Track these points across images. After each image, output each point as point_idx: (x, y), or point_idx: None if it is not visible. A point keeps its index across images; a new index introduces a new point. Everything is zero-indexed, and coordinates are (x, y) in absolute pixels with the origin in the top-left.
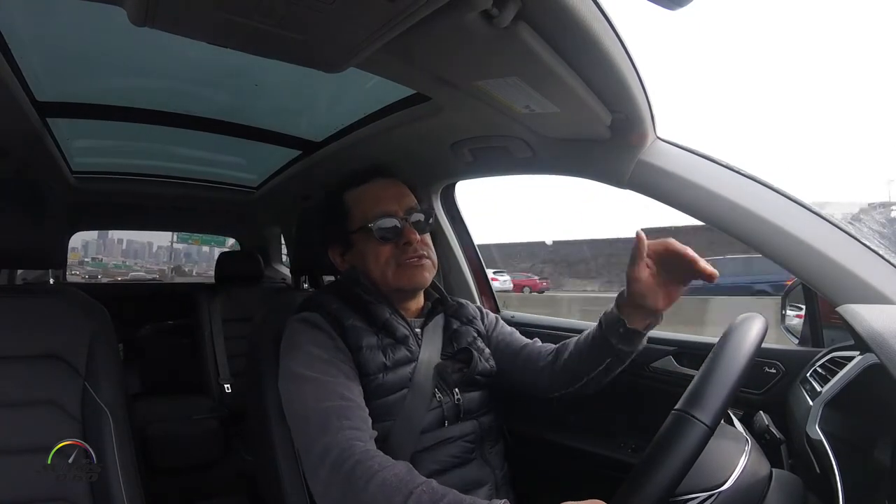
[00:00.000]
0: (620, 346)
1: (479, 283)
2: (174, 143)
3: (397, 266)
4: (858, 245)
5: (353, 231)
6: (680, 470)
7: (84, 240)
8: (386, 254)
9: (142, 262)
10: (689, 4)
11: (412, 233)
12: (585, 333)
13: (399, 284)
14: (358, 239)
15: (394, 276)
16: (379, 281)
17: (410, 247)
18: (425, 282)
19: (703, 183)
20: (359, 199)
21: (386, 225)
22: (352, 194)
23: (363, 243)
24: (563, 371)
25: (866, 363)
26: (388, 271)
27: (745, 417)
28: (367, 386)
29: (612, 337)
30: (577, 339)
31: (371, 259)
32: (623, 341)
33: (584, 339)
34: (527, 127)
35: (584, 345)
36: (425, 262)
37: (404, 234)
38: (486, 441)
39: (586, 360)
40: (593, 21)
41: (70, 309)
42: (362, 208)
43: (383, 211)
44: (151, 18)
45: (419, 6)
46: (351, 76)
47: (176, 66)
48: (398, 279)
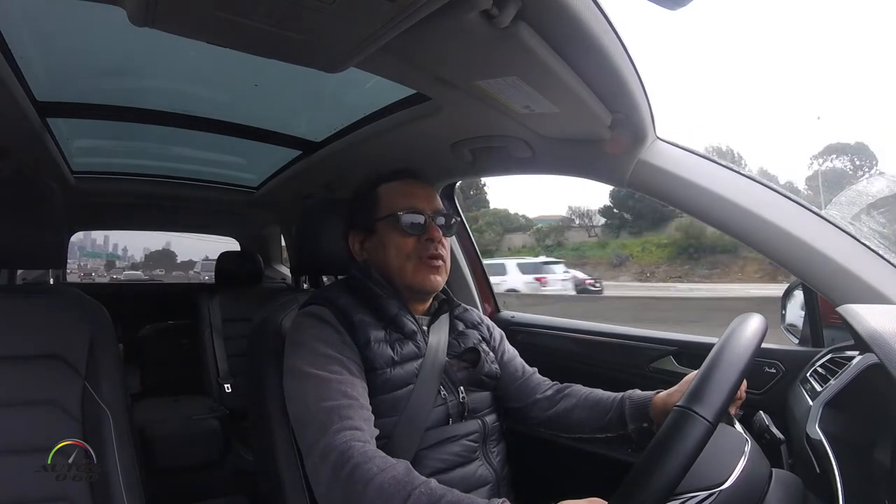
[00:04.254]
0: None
1: (479, 283)
2: (174, 143)
3: (418, 261)
4: (858, 245)
5: (379, 218)
6: (682, 466)
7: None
8: (408, 246)
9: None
10: (689, 4)
11: (436, 230)
12: (598, 397)
13: (414, 282)
14: (383, 227)
15: (413, 271)
16: (395, 273)
17: (432, 243)
18: (438, 286)
19: (703, 183)
20: (390, 191)
21: (414, 219)
22: (386, 186)
23: (387, 232)
24: (561, 418)
25: (866, 363)
26: (407, 265)
27: (745, 417)
28: (375, 381)
29: (631, 423)
30: (586, 396)
31: (392, 249)
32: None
33: (596, 406)
34: (527, 127)
35: (595, 412)
36: (441, 266)
37: (428, 231)
38: (489, 441)
39: (593, 426)
40: (593, 21)
41: (70, 309)
42: (393, 199)
43: (413, 205)
44: (151, 18)
45: (419, 6)
46: (351, 76)
47: (176, 66)
48: (414, 276)
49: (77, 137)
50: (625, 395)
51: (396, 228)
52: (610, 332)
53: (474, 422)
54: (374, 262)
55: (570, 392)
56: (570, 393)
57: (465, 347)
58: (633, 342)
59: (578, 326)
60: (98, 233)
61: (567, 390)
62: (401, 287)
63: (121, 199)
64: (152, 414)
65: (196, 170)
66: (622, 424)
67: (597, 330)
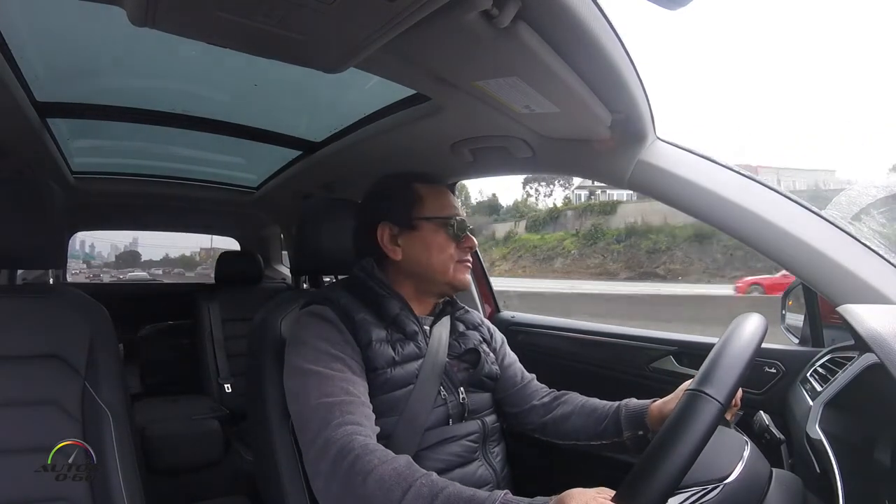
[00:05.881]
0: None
1: (479, 284)
2: (174, 143)
3: (458, 262)
4: (858, 245)
5: (424, 217)
6: (695, 446)
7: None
8: (451, 249)
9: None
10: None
11: (472, 239)
12: (594, 405)
13: (455, 280)
14: (427, 227)
15: (454, 270)
16: (438, 270)
17: (470, 250)
18: (470, 284)
19: (703, 183)
20: (434, 195)
21: (463, 226)
22: (424, 188)
23: (432, 233)
24: (557, 425)
25: (866, 363)
26: (450, 264)
27: (745, 417)
28: (375, 381)
29: (627, 431)
30: (582, 404)
31: (435, 249)
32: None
33: (592, 414)
34: (527, 127)
35: (591, 419)
36: (470, 266)
37: (468, 239)
38: (489, 441)
39: (589, 434)
40: (593, 21)
41: (70, 309)
42: (439, 203)
43: (457, 214)
44: (151, 18)
45: (419, 6)
46: (351, 76)
47: (176, 66)
48: (456, 275)
49: (77, 137)
50: (621, 403)
51: (444, 231)
52: (610, 333)
53: (474, 422)
54: (408, 257)
55: (566, 399)
56: (567, 400)
57: (465, 348)
58: (633, 342)
59: (578, 326)
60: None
61: (564, 398)
62: (441, 283)
63: (121, 200)
64: (152, 414)
65: (196, 170)
66: (618, 432)
67: (597, 330)
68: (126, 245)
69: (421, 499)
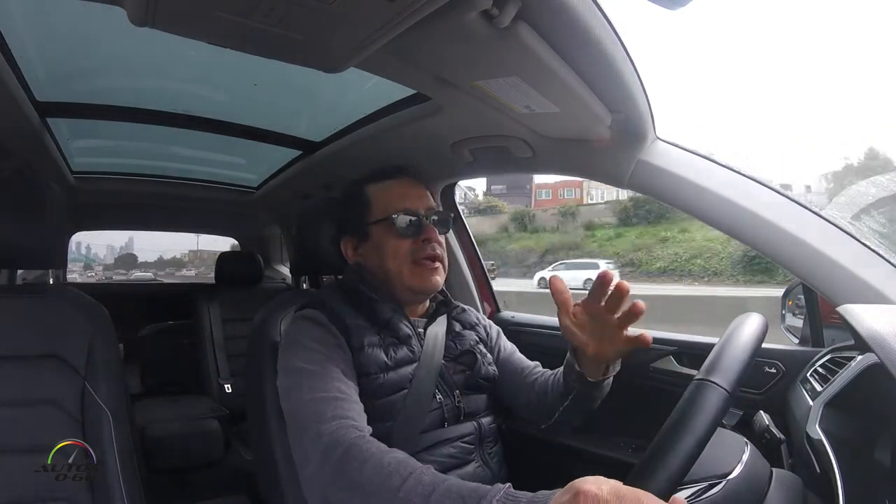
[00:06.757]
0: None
1: (479, 283)
2: (174, 143)
3: (413, 264)
4: (858, 245)
5: (372, 222)
6: (704, 432)
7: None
8: (404, 249)
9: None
10: (688, 4)
11: (432, 230)
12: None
13: (412, 284)
14: (377, 231)
15: (410, 273)
16: (393, 276)
17: (429, 244)
18: (437, 286)
19: (703, 183)
20: (382, 193)
21: (409, 220)
22: (375, 187)
23: (381, 236)
24: (538, 403)
25: (866, 363)
26: (404, 268)
27: (745, 417)
28: (368, 385)
29: (569, 376)
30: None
31: (388, 253)
32: (581, 384)
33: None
34: (527, 127)
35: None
36: (439, 265)
37: (425, 231)
38: (486, 442)
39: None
40: (593, 21)
41: (70, 309)
42: (385, 201)
43: (407, 207)
44: (151, 18)
45: (419, 6)
46: (351, 76)
47: (176, 66)
48: (412, 278)
49: (77, 137)
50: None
51: (391, 232)
52: None
53: (469, 424)
54: (370, 267)
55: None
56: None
57: (461, 350)
58: None
59: None
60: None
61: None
62: (401, 290)
63: (121, 200)
64: (152, 414)
65: (196, 170)
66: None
67: None
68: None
69: (421, 486)
